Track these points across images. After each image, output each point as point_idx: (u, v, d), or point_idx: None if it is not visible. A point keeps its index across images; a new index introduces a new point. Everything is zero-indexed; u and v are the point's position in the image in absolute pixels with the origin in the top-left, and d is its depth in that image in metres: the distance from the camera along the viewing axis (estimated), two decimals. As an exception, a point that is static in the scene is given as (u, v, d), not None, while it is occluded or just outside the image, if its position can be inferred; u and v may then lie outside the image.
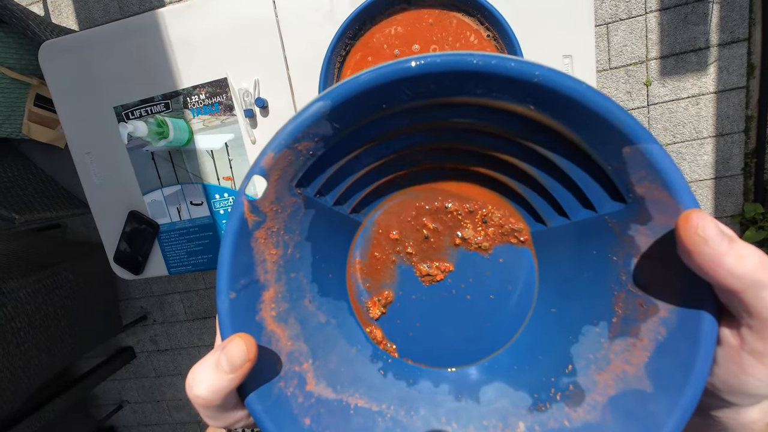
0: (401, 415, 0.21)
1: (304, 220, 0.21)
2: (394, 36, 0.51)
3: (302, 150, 0.18)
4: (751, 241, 1.10)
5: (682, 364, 0.15)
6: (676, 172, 0.15)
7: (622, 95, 1.14)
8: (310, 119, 0.17)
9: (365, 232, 0.25)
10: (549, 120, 0.17)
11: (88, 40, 0.61)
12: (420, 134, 0.21)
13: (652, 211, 0.16)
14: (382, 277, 0.25)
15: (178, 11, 0.58)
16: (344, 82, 0.16)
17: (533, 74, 0.15)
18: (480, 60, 0.15)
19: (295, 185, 0.19)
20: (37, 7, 1.41)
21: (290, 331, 0.20)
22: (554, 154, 0.19)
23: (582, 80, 0.15)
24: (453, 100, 0.17)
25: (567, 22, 0.50)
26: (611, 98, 0.15)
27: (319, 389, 0.20)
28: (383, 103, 0.17)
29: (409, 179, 0.24)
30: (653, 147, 0.15)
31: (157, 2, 1.32)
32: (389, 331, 0.25)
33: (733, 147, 1.11)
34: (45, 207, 0.97)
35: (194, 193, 0.64)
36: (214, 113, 0.60)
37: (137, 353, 1.61)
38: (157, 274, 0.68)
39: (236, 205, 0.18)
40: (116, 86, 0.62)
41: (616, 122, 0.15)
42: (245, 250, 0.18)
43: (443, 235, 0.24)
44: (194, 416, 1.64)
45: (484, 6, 0.47)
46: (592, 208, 0.19)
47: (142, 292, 1.53)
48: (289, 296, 0.21)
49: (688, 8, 1.06)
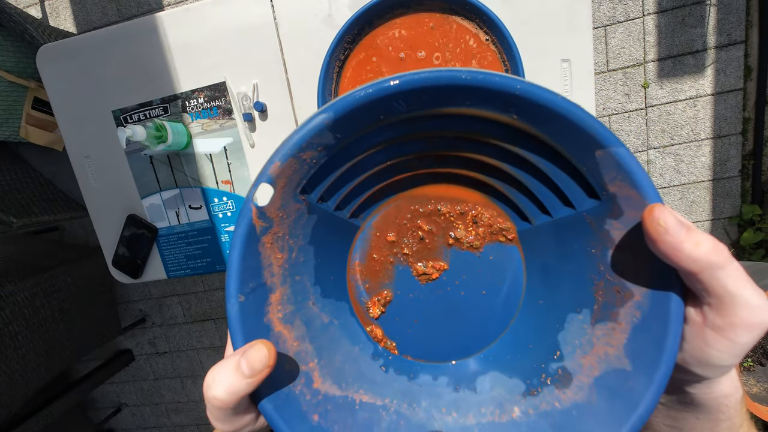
0: (404, 408, 0.22)
1: (307, 225, 0.22)
2: (398, 39, 0.51)
3: (306, 159, 0.19)
4: (749, 242, 1.11)
5: (656, 342, 0.17)
6: (642, 171, 0.17)
7: (620, 97, 1.14)
8: (314, 130, 0.18)
9: (363, 235, 0.26)
10: (530, 128, 0.18)
11: (86, 43, 0.61)
12: (415, 142, 0.22)
13: (623, 207, 0.18)
14: (380, 277, 0.26)
15: (176, 15, 0.58)
16: (346, 95, 0.17)
17: (515, 87, 0.16)
18: (468, 75, 0.16)
19: (300, 192, 0.20)
20: (35, 10, 1.40)
21: (296, 332, 0.21)
22: (536, 157, 0.20)
23: (557, 92, 0.17)
24: (445, 111, 0.19)
25: (565, 26, 0.50)
26: (583, 107, 0.17)
27: (325, 387, 0.21)
28: (381, 115, 0.18)
29: (405, 184, 0.25)
30: (621, 150, 0.17)
31: (156, 5, 1.32)
32: (389, 330, 0.26)
33: (730, 149, 1.12)
34: (43, 210, 0.96)
35: (193, 196, 0.63)
36: (213, 117, 0.60)
37: (136, 356, 1.61)
38: (155, 278, 0.68)
39: (244, 212, 0.19)
40: (114, 90, 0.62)
41: (589, 129, 0.17)
42: (253, 255, 0.19)
43: (437, 236, 0.26)
44: (193, 419, 1.63)
45: (483, 10, 0.47)
46: (571, 206, 0.21)
47: (140, 295, 1.53)
48: (294, 298, 0.22)
49: (686, 11, 1.06)
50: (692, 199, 1.17)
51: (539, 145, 0.19)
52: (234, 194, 0.62)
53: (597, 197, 0.19)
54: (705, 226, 1.18)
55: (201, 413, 1.62)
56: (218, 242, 0.64)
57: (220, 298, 1.47)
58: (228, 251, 0.18)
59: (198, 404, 1.61)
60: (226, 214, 0.63)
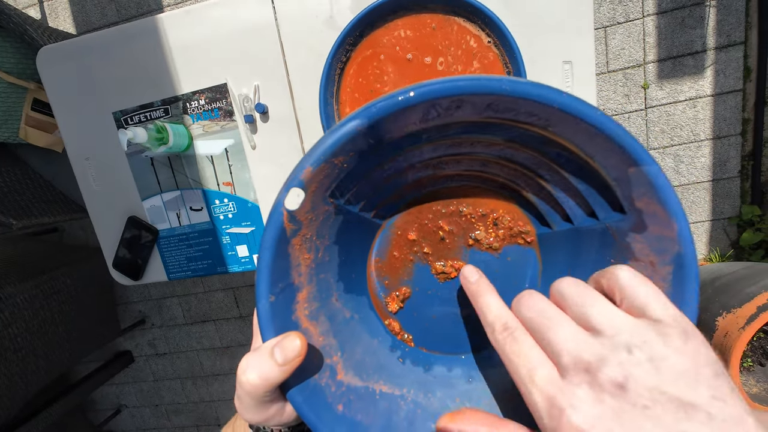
0: (420, 397, 0.24)
1: (334, 225, 0.23)
2: (404, 39, 0.51)
3: (338, 164, 0.19)
4: (749, 243, 1.11)
5: None
6: (672, 191, 0.17)
7: (619, 98, 1.14)
8: (346, 135, 0.18)
9: (384, 233, 0.27)
10: (563, 140, 0.19)
11: (86, 45, 0.61)
12: (445, 146, 0.23)
13: (647, 222, 0.18)
14: (400, 274, 0.27)
15: (177, 16, 0.58)
16: (381, 100, 0.18)
17: (555, 99, 0.17)
18: (509, 86, 0.17)
19: (329, 195, 0.21)
20: (34, 11, 1.40)
21: (321, 327, 0.22)
22: (565, 168, 0.21)
23: (597, 107, 0.17)
24: (478, 119, 0.19)
25: (567, 28, 0.50)
26: (621, 125, 0.17)
27: (348, 378, 0.22)
28: (416, 120, 0.19)
29: (428, 184, 0.26)
30: (654, 168, 0.17)
31: (155, 6, 1.32)
32: (406, 323, 0.28)
33: (730, 149, 1.12)
34: (42, 212, 0.96)
35: (194, 198, 0.63)
36: (214, 119, 0.60)
37: (135, 357, 1.60)
38: (156, 280, 0.68)
39: (275, 215, 0.19)
40: (115, 92, 0.62)
41: (626, 146, 0.17)
42: (283, 257, 0.20)
43: (458, 236, 0.27)
44: (193, 420, 1.63)
45: (484, 12, 0.47)
46: (594, 216, 0.21)
47: (140, 296, 1.53)
48: (319, 296, 0.23)
49: (685, 12, 1.07)
50: (692, 200, 1.17)
51: (571, 156, 0.20)
52: (235, 196, 0.62)
53: (622, 210, 0.19)
54: (705, 226, 1.18)
55: (201, 414, 1.62)
56: (219, 244, 0.64)
57: (220, 299, 1.47)
58: (257, 253, 0.18)
59: (198, 405, 1.61)
60: (227, 215, 0.63)
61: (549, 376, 0.16)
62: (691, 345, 0.15)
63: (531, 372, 0.16)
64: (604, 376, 0.15)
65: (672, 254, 0.18)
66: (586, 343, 0.16)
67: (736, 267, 0.95)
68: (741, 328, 0.80)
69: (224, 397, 1.57)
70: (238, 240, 0.64)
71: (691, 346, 0.15)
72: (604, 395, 0.15)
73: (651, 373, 0.14)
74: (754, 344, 0.93)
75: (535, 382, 0.16)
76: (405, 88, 0.17)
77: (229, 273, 0.68)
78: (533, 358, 0.17)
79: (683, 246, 0.17)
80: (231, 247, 0.64)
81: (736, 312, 0.83)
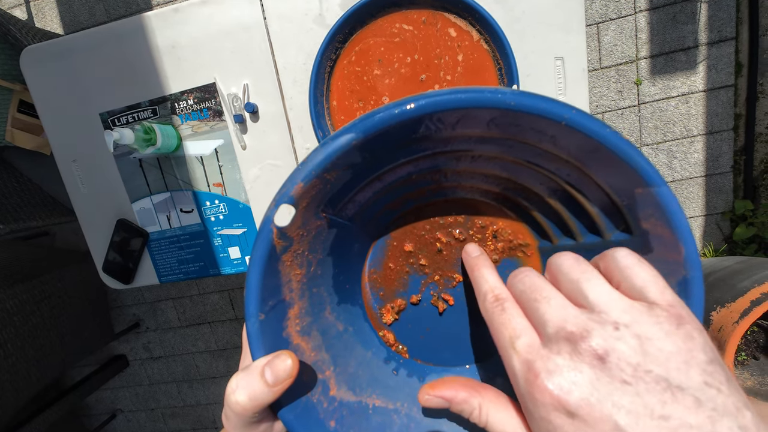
0: (414, 411, 0.23)
1: (327, 239, 0.22)
2: (395, 35, 0.50)
3: (330, 178, 0.19)
4: (742, 237, 1.12)
5: None
6: (682, 214, 0.16)
7: (613, 94, 1.14)
8: (340, 149, 0.17)
9: (380, 244, 0.26)
10: (568, 156, 0.18)
11: (71, 45, 0.60)
12: (444, 159, 0.22)
13: (653, 245, 0.18)
14: (395, 286, 0.27)
15: (165, 15, 0.57)
16: (375, 112, 0.17)
17: (562, 116, 0.16)
18: (514, 100, 0.16)
19: (321, 210, 0.20)
20: (20, 11, 1.38)
21: (313, 342, 0.22)
22: (570, 184, 0.20)
23: (607, 124, 0.16)
24: (479, 134, 0.18)
25: (558, 24, 0.50)
26: (632, 143, 0.16)
27: (341, 393, 0.22)
28: (413, 134, 0.18)
29: (426, 195, 0.25)
30: (664, 190, 0.16)
31: (144, 5, 1.30)
32: (401, 335, 0.27)
33: (722, 145, 1.13)
34: (31, 216, 0.95)
35: (184, 200, 0.62)
36: (203, 119, 0.59)
37: (130, 361, 1.59)
38: (147, 283, 0.67)
39: (264, 232, 0.18)
40: (102, 92, 0.61)
41: (635, 166, 0.16)
42: (273, 274, 0.19)
43: (455, 248, 0.26)
44: (190, 424, 1.62)
45: (475, 8, 0.47)
46: (598, 234, 0.21)
47: (134, 299, 1.51)
48: (312, 310, 0.22)
49: (677, 8, 1.07)
50: (685, 195, 1.18)
51: (577, 173, 0.19)
52: (226, 197, 0.61)
53: (627, 230, 0.19)
54: (698, 221, 1.19)
55: (198, 417, 1.60)
56: (211, 246, 0.63)
57: (215, 301, 1.46)
58: (248, 268, 0.18)
59: (194, 408, 1.60)
60: (218, 217, 0.62)
61: (530, 343, 0.16)
62: (683, 330, 0.14)
63: (513, 338, 0.17)
64: (586, 346, 0.14)
65: (677, 278, 0.17)
66: (573, 316, 0.15)
67: (730, 262, 0.96)
68: (735, 323, 0.81)
69: (221, 400, 1.56)
70: (230, 241, 0.63)
71: (683, 331, 0.14)
72: (582, 365, 0.14)
73: (636, 350, 0.14)
74: (748, 338, 0.93)
75: (515, 347, 0.16)
76: (403, 100, 0.16)
77: (221, 275, 0.67)
78: (518, 326, 0.17)
79: (690, 270, 0.17)
80: (223, 248, 0.63)
81: (729, 306, 0.83)
